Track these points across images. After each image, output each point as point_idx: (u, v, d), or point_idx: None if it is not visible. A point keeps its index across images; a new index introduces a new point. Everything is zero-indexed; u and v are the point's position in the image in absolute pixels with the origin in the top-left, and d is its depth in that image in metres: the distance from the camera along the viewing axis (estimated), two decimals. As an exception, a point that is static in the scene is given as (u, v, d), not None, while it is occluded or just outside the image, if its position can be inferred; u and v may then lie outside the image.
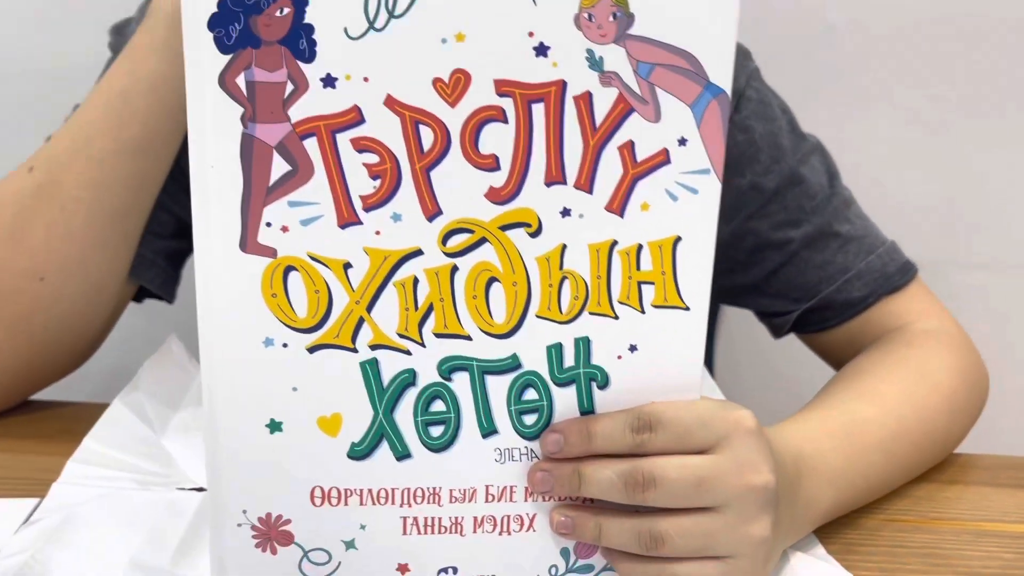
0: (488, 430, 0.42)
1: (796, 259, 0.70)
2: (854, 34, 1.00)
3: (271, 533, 0.42)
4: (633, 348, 0.42)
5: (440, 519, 0.43)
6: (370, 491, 0.42)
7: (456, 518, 0.43)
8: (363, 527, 0.42)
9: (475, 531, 0.43)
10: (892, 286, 0.70)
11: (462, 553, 0.43)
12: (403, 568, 0.44)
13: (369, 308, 0.40)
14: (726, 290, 0.73)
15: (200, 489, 0.52)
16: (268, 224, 0.38)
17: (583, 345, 0.42)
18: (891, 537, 0.56)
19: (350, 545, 0.42)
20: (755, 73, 0.71)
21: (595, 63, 0.38)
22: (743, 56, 0.70)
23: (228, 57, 0.36)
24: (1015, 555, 0.55)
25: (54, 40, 0.97)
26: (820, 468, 0.51)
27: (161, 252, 0.67)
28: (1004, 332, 1.14)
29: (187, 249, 0.72)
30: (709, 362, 1.03)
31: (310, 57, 0.37)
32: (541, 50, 0.38)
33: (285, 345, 0.40)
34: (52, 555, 0.46)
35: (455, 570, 0.44)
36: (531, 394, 0.42)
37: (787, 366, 0.75)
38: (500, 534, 0.43)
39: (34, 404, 0.65)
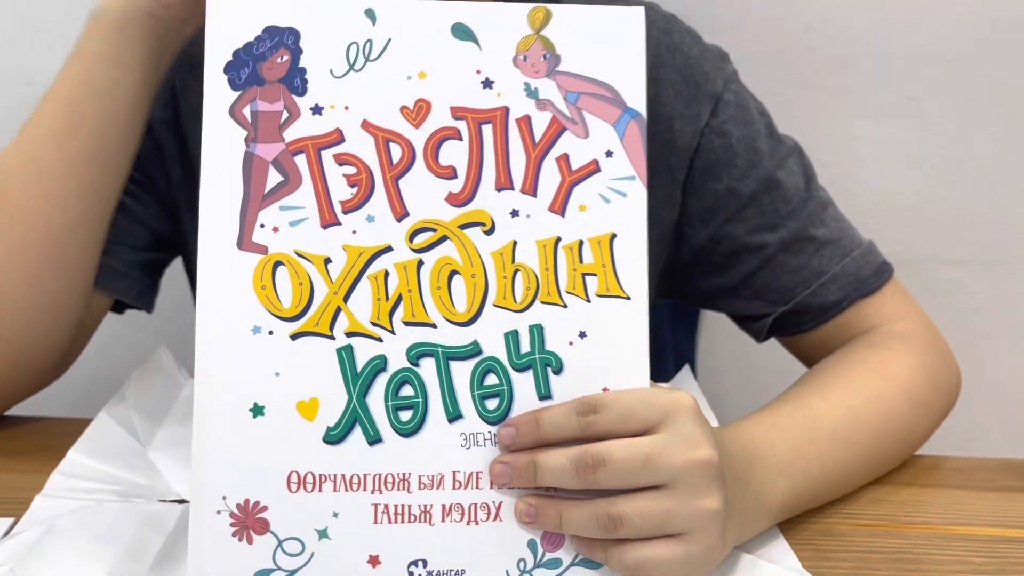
0: (454, 415, 0.50)
1: (772, 263, 0.74)
2: (833, 34, 1.10)
3: (248, 521, 0.48)
4: (583, 335, 0.51)
5: (409, 507, 0.49)
6: (343, 476, 0.49)
7: (425, 506, 0.49)
8: (336, 515, 0.49)
9: (443, 520, 0.49)
10: (866, 289, 0.74)
11: (431, 545, 0.50)
12: (374, 560, 0.49)
13: (346, 298, 0.49)
14: (703, 293, 0.80)
15: (182, 501, 0.59)
16: (262, 225, 0.49)
17: (537, 332, 0.51)
18: (863, 543, 0.60)
19: (323, 534, 0.49)
20: (732, 76, 0.76)
21: (531, 93, 0.51)
22: (720, 59, 0.76)
23: (238, 93, 0.48)
24: (986, 559, 0.59)
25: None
26: (769, 458, 0.57)
27: (135, 264, 0.73)
28: (983, 327, 1.22)
29: (164, 260, 0.79)
30: (691, 363, 1.11)
31: (303, 92, 0.49)
32: (487, 83, 0.51)
33: (271, 332, 0.49)
34: (31, 568, 0.50)
35: (425, 563, 0.49)
36: (492, 379, 0.50)
37: (767, 367, 0.83)
38: (468, 523, 0.50)
39: (9, 420, 0.70)
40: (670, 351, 1.06)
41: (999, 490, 0.68)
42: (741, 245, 0.74)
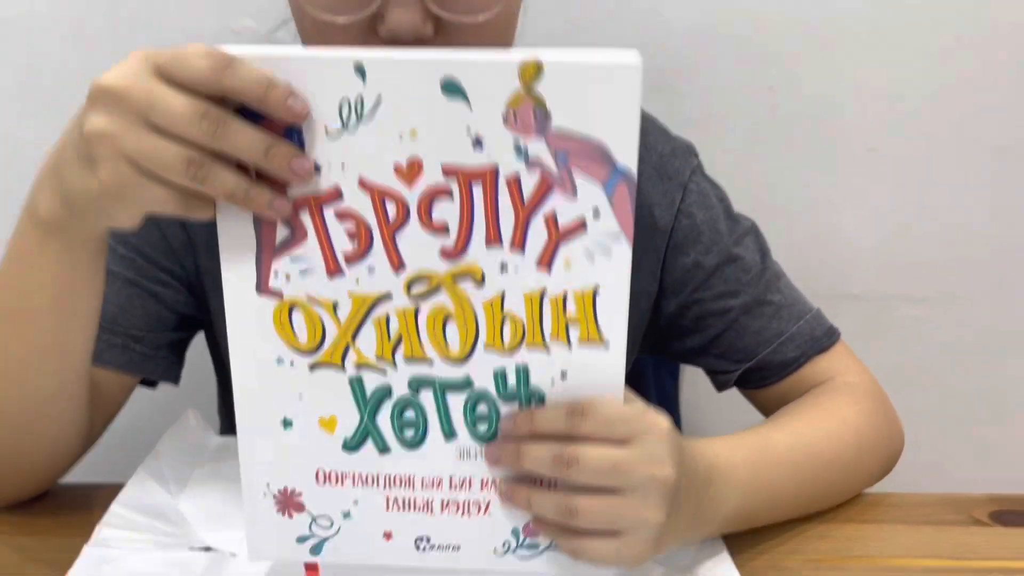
0: (450, 434, 0.57)
1: (736, 325, 0.83)
2: (793, 94, 1.18)
3: (288, 503, 0.58)
4: (564, 375, 0.55)
5: (415, 499, 0.58)
6: (360, 475, 0.58)
7: (427, 500, 0.58)
8: (356, 502, 0.58)
9: (442, 511, 0.58)
10: (820, 347, 0.83)
11: (433, 526, 0.59)
12: (388, 535, 0.59)
13: (353, 337, 0.55)
14: (678, 352, 0.88)
15: (208, 548, 0.66)
16: (275, 274, 0.54)
17: (523, 372, 0.55)
18: (808, 577, 0.67)
19: (347, 515, 0.59)
20: (697, 168, 0.87)
21: (521, 152, 0.51)
22: (687, 154, 0.87)
23: None
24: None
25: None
26: (728, 475, 0.64)
27: (163, 346, 0.79)
28: (947, 361, 1.30)
29: (189, 337, 0.85)
30: (675, 401, 1.19)
31: (301, 149, 0.51)
32: (477, 142, 0.51)
33: (292, 364, 0.55)
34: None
35: (428, 539, 0.59)
36: (483, 408, 0.56)
37: (745, 404, 0.89)
38: (462, 515, 0.58)
39: (53, 489, 0.76)
40: (653, 391, 1.15)
41: (934, 524, 0.73)
42: (708, 310, 0.83)
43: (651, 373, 1.13)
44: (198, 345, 0.88)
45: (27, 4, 1.09)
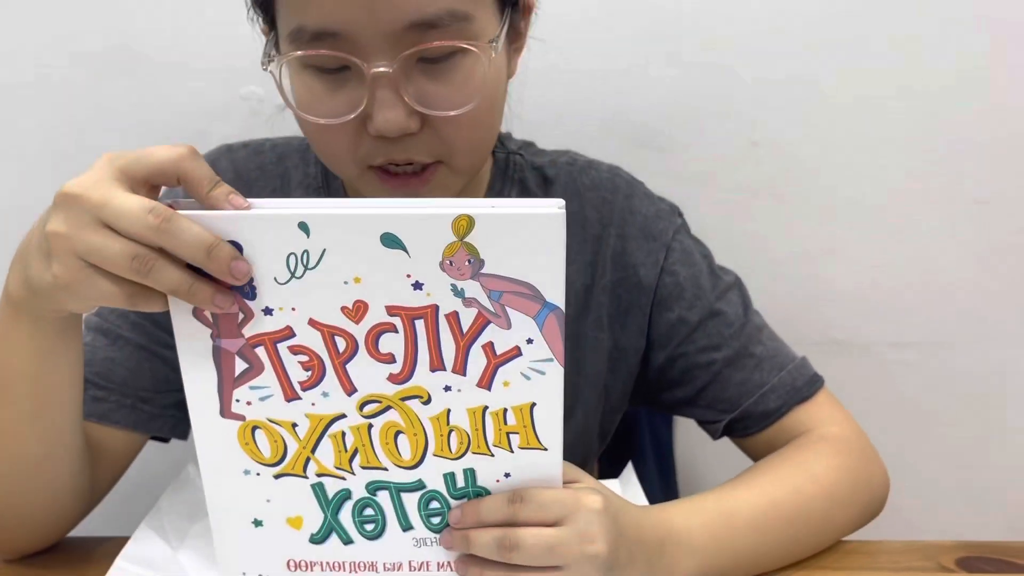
0: (406, 526, 0.64)
1: (720, 377, 0.87)
2: (775, 148, 1.23)
3: None
4: (507, 475, 0.62)
5: None
6: (327, 563, 0.65)
7: None
8: None
9: None
10: (801, 397, 0.86)
11: None
12: None
13: (313, 451, 0.61)
14: (668, 404, 0.92)
15: None
16: (237, 400, 0.60)
17: (470, 473, 0.62)
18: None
19: None
20: (680, 228, 0.91)
21: (458, 292, 0.57)
22: (671, 214, 0.91)
23: None
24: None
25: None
26: (683, 540, 0.70)
27: (171, 405, 0.84)
28: (932, 405, 1.34)
29: None
30: (669, 444, 1.23)
31: (253, 297, 0.57)
32: (417, 285, 0.57)
33: (258, 474, 0.62)
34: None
35: None
36: (435, 504, 0.63)
37: (738, 450, 0.93)
38: None
39: (60, 541, 0.81)
40: (648, 439, 1.19)
41: (902, 570, 0.75)
42: (693, 363, 0.87)
43: (645, 421, 1.18)
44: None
45: (45, 69, 1.16)
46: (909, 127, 1.21)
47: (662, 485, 1.19)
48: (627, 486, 0.85)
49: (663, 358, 0.88)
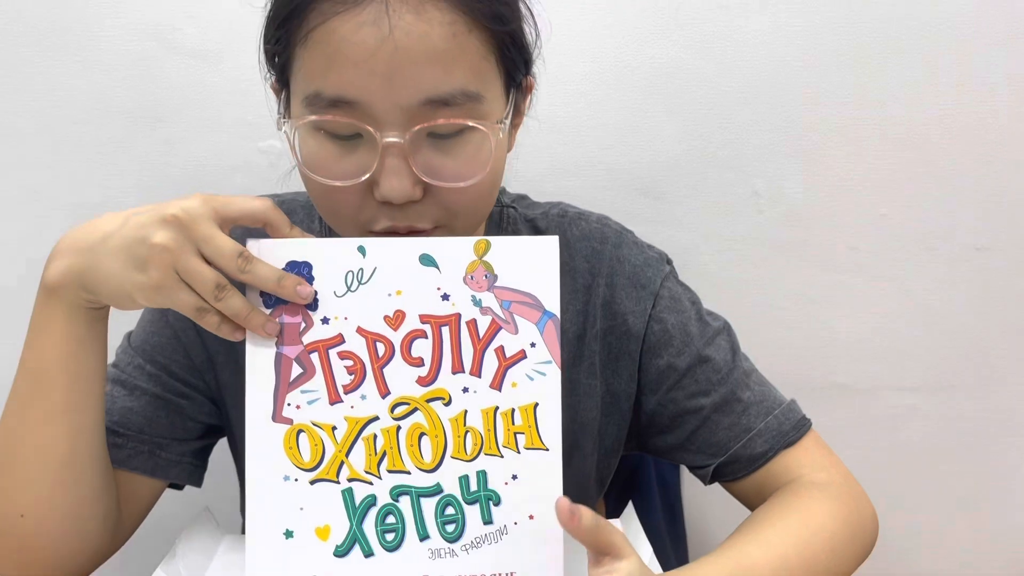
0: (423, 536, 0.73)
1: (708, 422, 0.93)
2: (776, 197, 1.32)
3: None
4: (515, 476, 0.73)
5: None
6: None
7: None
8: None
9: None
10: (788, 441, 0.91)
11: None
12: None
13: (347, 454, 0.72)
14: (659, 448, 0.98)
15: None
16: (288, 404, 0.72)
17: (482, 476, 0.73)
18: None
19: None
20: (669, 275, 0.97)
21: (477, 303, 0.72)
22: (660, 263, 0.97)
23: (269, 310, 0.71)
24: None
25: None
26: None
27: (188, 452, 0.92)
28: (934, 448, 1.41)
29: (212, 443, 0.99)
30: (676, 487, 1.27)
31: (315, 308, 0.72)
32: (445, 297, 0.72)
33: (296, 480, 0.72)
34: None
35: None
36: (450, 510, 0.73)
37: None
38: None
39: None
40: (654, 482, 1.24)
41: None
42: (682, 408, 0.92)
43: (652, 464, 1.24)
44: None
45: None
46: (908, 175, 1.31)
47: (669, 524, 1.25)
48: (628, 525, 0.90)
49: (654, 403, 0.94)
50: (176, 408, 0.90)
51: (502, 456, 0.72)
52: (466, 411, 0.72)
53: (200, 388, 0.92)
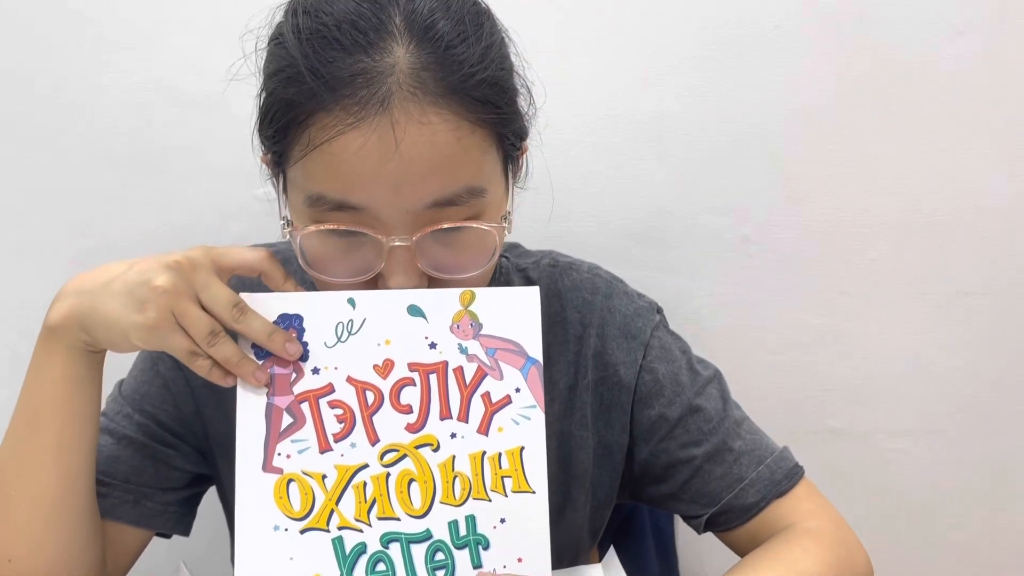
0: None
1: (701, 472, 0.93)
2: (766, 243, 1.34)
3: None
4: (503, 520, 0.74)
5: None
6: None
7: None
8: None
9: None
10: (780, 490, 0.92)
11: None
12: None
13: (337, 502, 0.73)
14: (654, 498, 0.99)
15: None
16: (279, 454, 0.73)
17: (471, 520, 0.74)
18: None
19: None
20: (659, 325, 0.97)
21: (463, 350, 0.75)
22: (650, 312, 0.98)
23: (261, 362, 0.73)
24: None
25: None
26: None
27: (173, 502, 0.93)
28: (927, 491, 1.42)
29: (199, 493, 1.00)
30: (670, 533, 1.28)
31: (306, 359, 0.74)
32: (432, 345, 0.74)
33: (287, 529, 0.73)
34: None
35: None
36: (440, 556, 0.74)
37: None
38: None
39: None
40: (649, 531, 1.24)
41: None
42: (675, 459, 0.93)
43: (646, 511, 1.24)
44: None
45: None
46: (895, 222, 1.33)
47: (663, 571, 1.24)
48: (609, 570, 0.91)
49: (646, 453, 0.94)
50: (163, 457, 0.91)
51: (490, 500, 0.73)
52: (454, 456, 0.74)
53: (187, 438, 0.93)
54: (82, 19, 1.21)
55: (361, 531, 0.73)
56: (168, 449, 0.91)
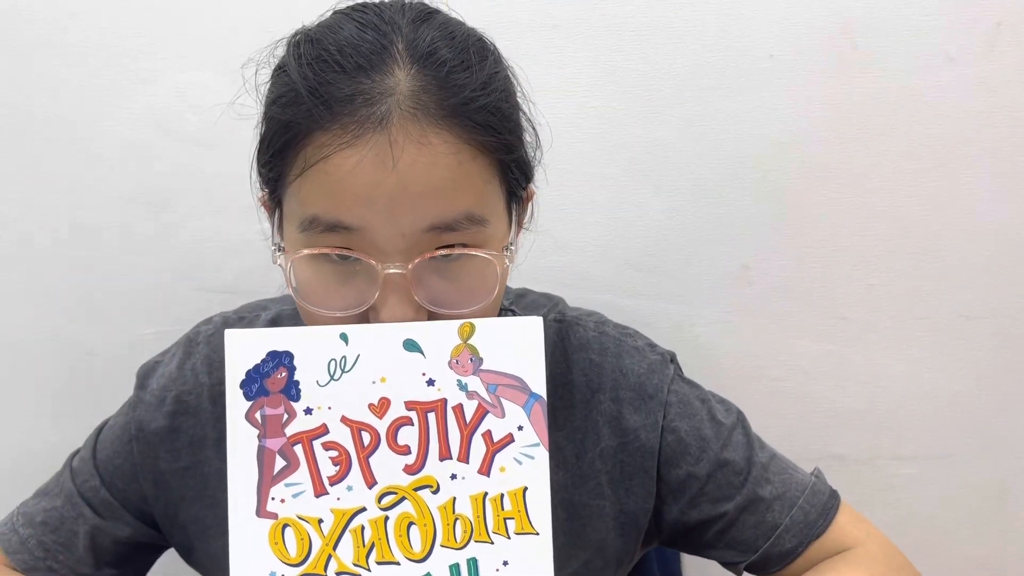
0: None
1: (735, 524, 0.91)
2: (766, 270, 1.34)
3: None
4: (506, 563, 0.72)
5: None
6: None
7: None
8: None
9: None
10: (816, 532, 0.90)
11: None
12: None
13: (334, 547, 0.71)
14: (687, 548, 0.97)
15: None
16: (272, 498, 0.71)
17: (472, 564, 0.72)
18: None
19: None
20: (674, 377, 0.93)
21: (463, 387, 0.71)
22: (664, 364, 0.93)
23: (250, 403, 0.70)
24: None
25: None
26: None
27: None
28: (934, 517, 1.42)
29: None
30: (677, 569, 1.27)
31: (297, 399, 0.71)
32: (430, 382, 0.71)
33: (283, 575, 0.70)
34: None
35: None
36: None
37: None
38: None
39: None
40: (655, 567, 1.23)
41: None
42: (706, 515, 0.90)
43: (654, 552, 1.22)
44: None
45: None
46: (893, 247, 1.33)
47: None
48: None
49: (676, 512, 0.92)
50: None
51: (492, 543, 0.71)
52: (455, 498, 0.71)
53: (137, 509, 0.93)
54: (83, 54, 1.22)
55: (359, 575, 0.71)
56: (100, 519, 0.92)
